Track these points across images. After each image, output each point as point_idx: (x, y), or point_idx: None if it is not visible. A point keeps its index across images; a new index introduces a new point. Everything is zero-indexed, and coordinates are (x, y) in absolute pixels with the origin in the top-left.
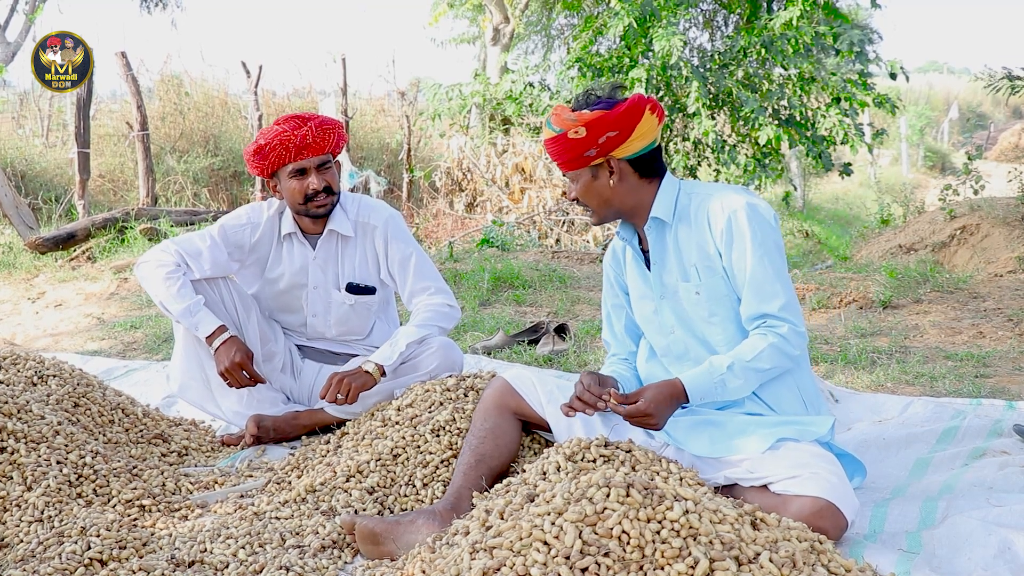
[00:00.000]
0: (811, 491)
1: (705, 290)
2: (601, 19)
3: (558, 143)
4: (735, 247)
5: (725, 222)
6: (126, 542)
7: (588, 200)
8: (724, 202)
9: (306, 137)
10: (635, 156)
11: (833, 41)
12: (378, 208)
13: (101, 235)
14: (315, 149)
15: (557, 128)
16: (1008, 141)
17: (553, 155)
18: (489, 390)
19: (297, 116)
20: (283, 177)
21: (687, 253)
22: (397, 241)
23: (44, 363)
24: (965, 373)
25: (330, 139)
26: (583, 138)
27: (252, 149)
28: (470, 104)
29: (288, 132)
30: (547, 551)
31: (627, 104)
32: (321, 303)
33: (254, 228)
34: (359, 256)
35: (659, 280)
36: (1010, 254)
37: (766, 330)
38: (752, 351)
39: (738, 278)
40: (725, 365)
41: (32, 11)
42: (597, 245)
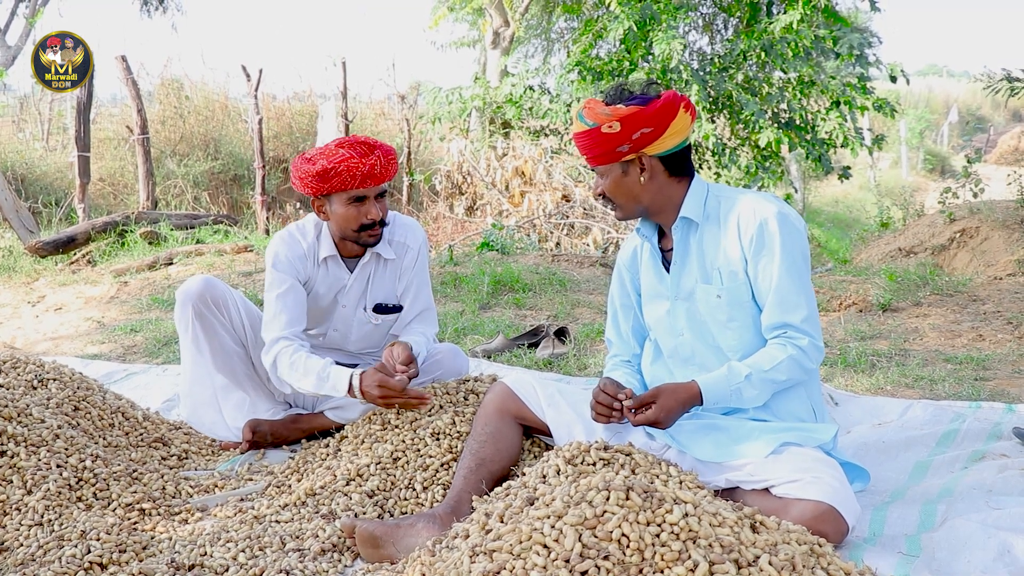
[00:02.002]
0: (812, 495)
1: (727, 294)
2: (601, 22)
3: (590, 137)
4: (763, 255)
5: (756, 228)
6: (126, 546)
7: (616, 196)
8: (756, 208)
9: (375, 167)
10: (667, 154)
11: (833, 44)
12: (413, 229)
13: (101, 239)
14: (379, 179)
15: (590, 122)
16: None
17: (583, 149)
18: (490, 395)
19: (363, 142)
20: (338, 201)
21: (711, 256)
22: (422, 265)
23: (44, 367)
24: (964, 376)
25: (394, 169)
26: (617, 133)
27: (314, 171)
28: (470, 107)
29: (356, 160)
30: (547, 554)
31: (662, 101)
32: (344, 322)
33: (303, 258)
34: (390, 276)
35: (677, 281)
36: (1009, 257)
37: (786, 341)
38: (771, 361)
39: (762, 286)
40: (743, 374)
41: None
42: (597, 249)
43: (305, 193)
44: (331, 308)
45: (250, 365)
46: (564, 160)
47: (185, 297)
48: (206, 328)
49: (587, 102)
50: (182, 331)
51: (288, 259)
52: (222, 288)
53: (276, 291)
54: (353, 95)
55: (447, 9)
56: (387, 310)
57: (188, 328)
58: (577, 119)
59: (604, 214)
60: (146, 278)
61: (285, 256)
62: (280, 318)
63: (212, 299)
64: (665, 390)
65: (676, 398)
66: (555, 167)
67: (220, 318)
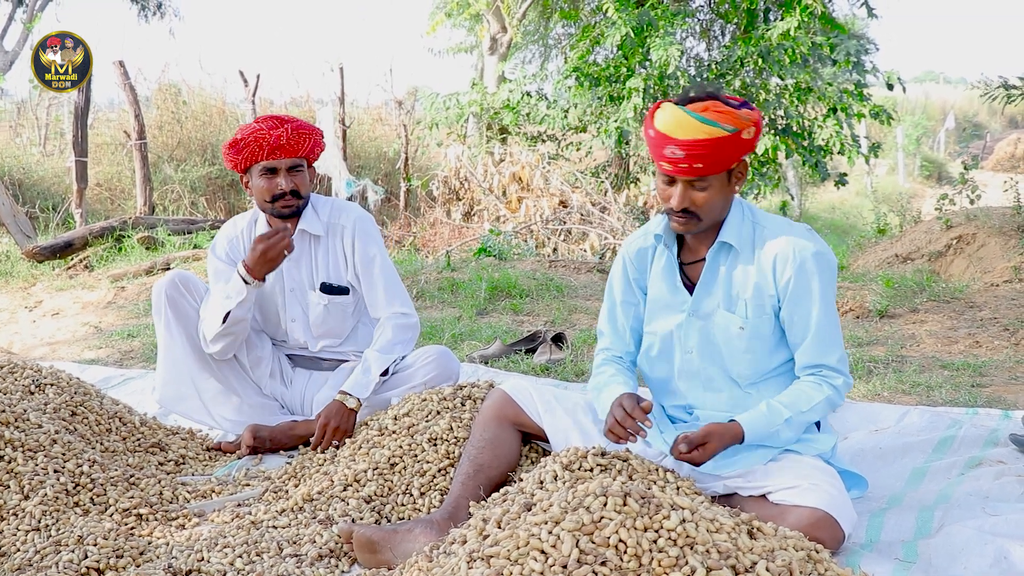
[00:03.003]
0: (809, 502)
1: (750, 328)
2: (598, 29)
3: (726, 143)
4: (801, 296)
5: (795, 269)
6: (123, 551)
7: (711, 208)
8: (795, 245)
9: (280, 138)
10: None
11: (830, 51)
12: (349, 209)
13: (98, 244)
14: (288, 151)
15: (729, 127)
16: (1004, 151)
17: (704, 156)
18: (488, 401)
19: (276, 117)
20: (254, 174)
21: (740, 285)
22: (363, 242)
23: (41, 372)
24: (961, 382)
25: (304, 143)
26: (750, 139)
27: (228, 142)
28: (467, 113)
29: (264, 131)
30: (544, 560)
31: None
32: (299, 305)
33: (238, 240)
34: (331, 256)
35: (698, 301)
36: (1006, 263)
37: (821, 381)
38: (808, 403)
39: (797, 325)
40: (784, 416)
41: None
42: (594, 254)
43: (231, 168)
44: (280, 293)
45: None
46: (561, 166)
47: (158, 287)
48: (177, 312)
49: (711, 105)
50: (157, 319)
51: (222, 243)
52: (193, 277)
53: (210, 275)
54: (351, 100)
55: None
56: (333, 290)
57: (161, 314)
58: (704, 124)
59: (601, 220)
60: (143, 283)
61: (219, 240)
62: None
63: (183, 284)
64: (715, 433)
65: (723, 441)
66: (552, 173)
67: (192, 302)
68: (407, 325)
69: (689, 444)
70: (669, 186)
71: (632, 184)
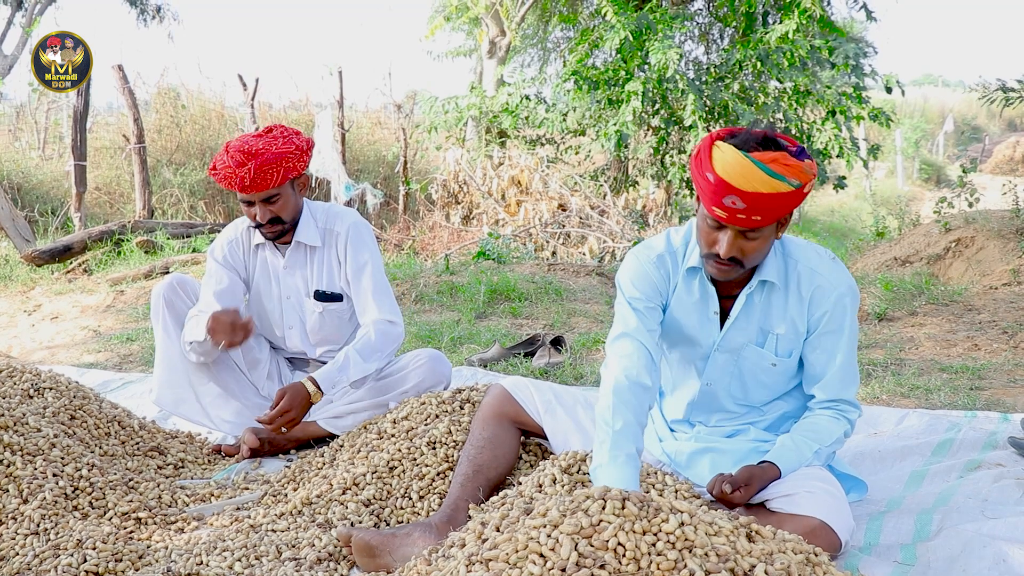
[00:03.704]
0: (806, 510)
1: (782, 365)
2: (597, 32)
3: (790, 198)
4: (832, 330)
5: (832, 304)
6: (122, 555)
7: (757, 257)
8: (832, 281)
9: (244, 179)
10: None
11: (828, 54)
12: (344, 215)
13: (97, 248)
14: (256, 188)
15: (795, 182)
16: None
17: (767, 209)
18: (488, 398)
19: (244, 150)
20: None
21: (774, 319)
22: (356, 248)
23: (40, 376)
24: (960, 385)
25: (273, 176)
26: (805, 192)
27: (210, 167)
28: (466, 117)
29: (232, 168)
30: (543, 563)
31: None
32: (296, 313)
33: (237, 242)
34: (327, 264)
35: (728, 336)
36: (1005, 266)
37: (839, 415)
38: (830, 437)
39: (821, 358)
40: (812, 450)
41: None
42: (593, 258)
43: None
44: (278, 301)
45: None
46: (560, 169)
47: (156, 291)
48: (175, 317)
49: (779, 158)
50: (155, 322)
51: (221, 245)
52: (192, 281)
53: (204, 277)
54: (349, 104)
55: (443, 19)
56: (327, 297)
57: (159, 317)
58: (772, 178)
59: (600, 223)
60: (142, 287)
61: (219, 241)
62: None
63: (181, 288)
64: (756, 476)
65: (763, 483)
66: (551, 176)
67: (189, 304)
68: (393, 335)
69: (733, 485)
70: (716, 231)
71: (631, 187)
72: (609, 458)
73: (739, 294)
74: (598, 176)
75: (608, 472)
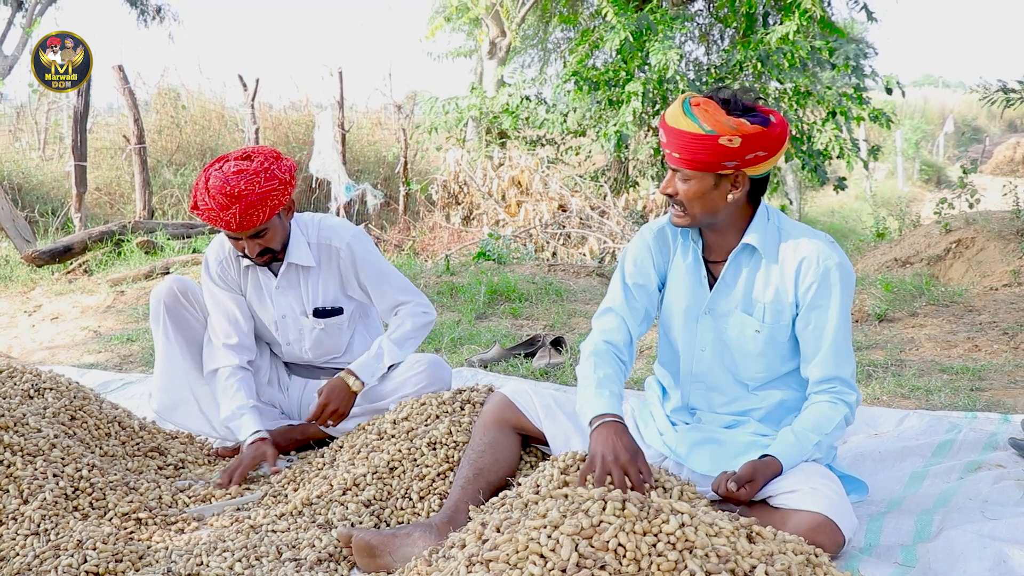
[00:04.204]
0: (810, 506)
1: (767, 331)
2: (597, 33)
3: (700, 142)
4: (820, 304)
5: (819, 276)
6: (122, 555)
7: (693, 204)
8: (820, 253)
9: (230, 223)
10: (758, 177)
11: (829, 55)
12: (339, 229)
13: (98, 248)
14: (243, 227)
15: (708, 127)
16: (1003, 154)
17: (681, 148)
18: (488, 405)
19: (227, 193)
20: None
21: (760, 289)
22: (366, 261)
23: (40, 376)
24: (960, 386)
25: (259, 216)
26: (734, 148)
27: (191, 205)
28: (466, 117)
29: (215, 211)
30: (543, 564)
31: (780, 125)
32: (293, 330)
33: (227, 263)
34: (323, 280)
35: (715, 300)
36: (1005, 267)
37: (836, 399)
38: (830, 424)
39: (813, 334)
40: (813, 441)
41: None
42: (593, 258)
43: None
44: (273, 319)
45: None
46: (560, 170)
47: (156, 294)
48: (176, 321)
49: (703, 103)
50: (155, 327)
51: (213, 263)
52: (193, 284)
53: (208, 298)
54: (350, 105)
55: (444, 19)
56: (327, 313)
57: (160, 322)
58: (685, 117)
59: (600, 224)
60: (142, 287)
61: (211, 261)
62: (218, 326)
63: (182, 292)
64: (760, 471)
65: (766, 478)
66: (551, 177)
67: (191, 311)
68: (426, 322)
69: (738, 482)
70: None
71: (631, 188)
72: (594, 394)
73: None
74: (598, 177)
75: (595, 404)
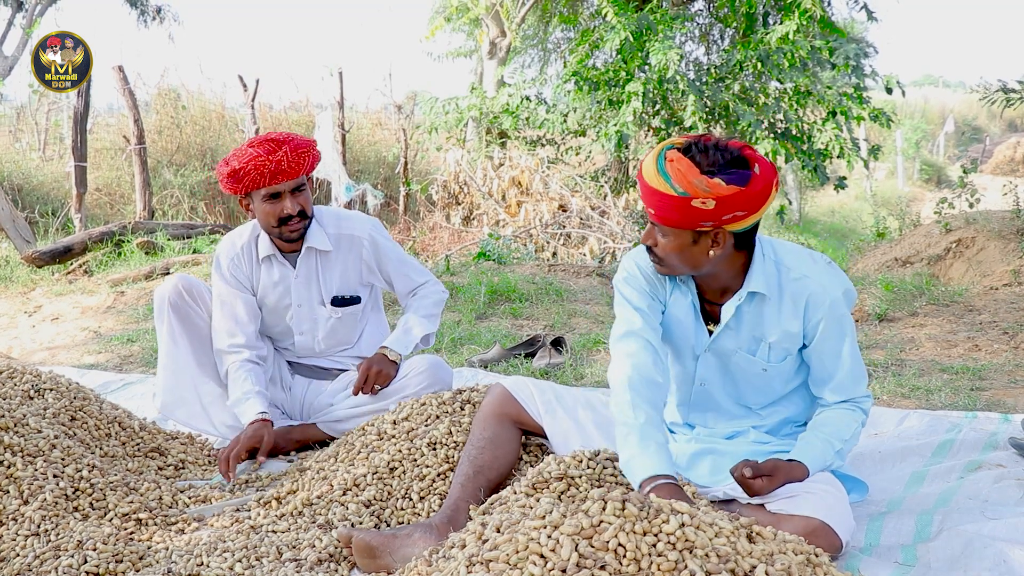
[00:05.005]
0: (806, 511)
1: (773, 371)
2: (597, 33)
3: (674, 203)
4: (832, 336)
5: (826, 311)
6: (122, 556)
7: (673, 259)
8: (825, 288)
9: (281, 163)
10: (743, 230)
11: (829, 55)
12: (357, 219)
13: (98, 249)
14: (290, 174)
15: (680, 190)
16: (1003, 154)
17: (656, 206)
18: (488, 397)
19: (270, 139)
20: (256, 199)
21: (765, 328)
22: (387, 249)
23: (41, 376)
24: (961, 386)
25: (305, 162)
26: (708, 210)
27: (226, 172)
28: (467, 117)
29: (263, 156)
30: (543, 564)
31: (763, 182)
32: (307, 321)
33: (239, 259)
34: (340, 268)
35: (717, 342)
36: (1005, 267)
37: (854, 407)
38: (848, 430)
39: (826, 363)
40: (836, 449)
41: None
42: (593, 258)
43: (229, 193)
44: (286, 309)
45: None
46: (560, 170)
47: (161, 293)
48: (182, 320)
49: (677, 160)
50: (159, 325)
51: (224, 261)
52: (198, 283)
53: (215, 296)
54: (350, 105)
55: (444, 19)
56: (345, 302)
57: (164, 320)
58: (659, 175)
59: (600, 224)
60: (143, 288)
61: (222, 258)
62: (220, 329)
63: (187, 291)
64: (782, 469)
65: (788, 478)
66: (551, 177)
67: (196, 309)
68: (443, 299)
69: (754, 470)
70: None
71: (631, 188)
72: (640, 449)
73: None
74: (598, 177)
75: (643, 462)
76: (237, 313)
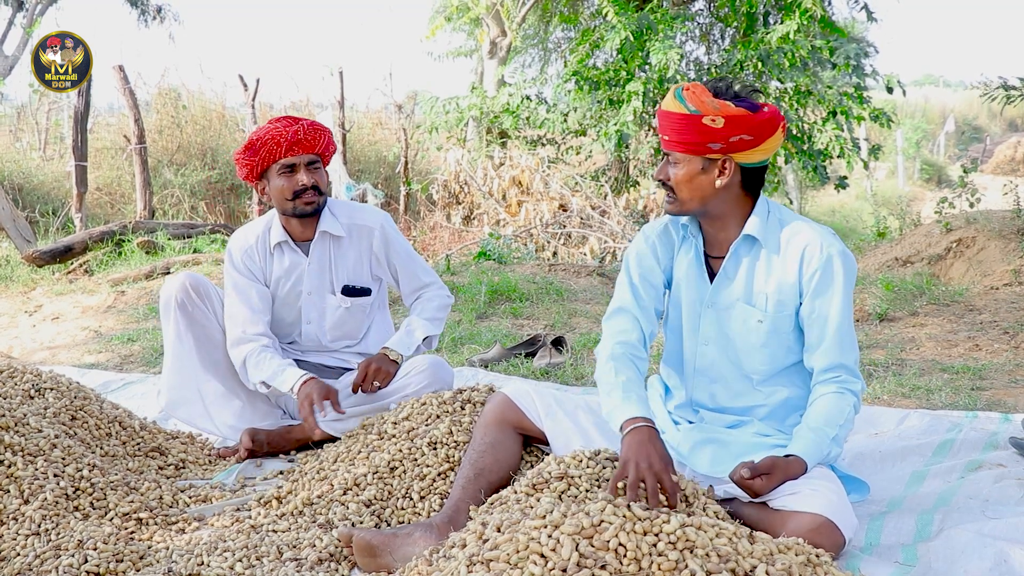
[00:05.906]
0: (810, 507)
1: (769, 322)
2: (598, 32)
3: (686, 122)
4: (824, 292)
5: (822, 263)
6: (123, 555)
7: (684, 189)
8: (823, 241)
9: (297, 133)
10: (749, 166)
11: (829, 55)
12: (370, 210)
13: (98, 248)
14: (306, 146)
15: (692, 107)
16: (1004, 154)
17: (670, 130)
18: (490, 404)
19: (289, 117)
20: (272, 176)
21: (762, 279)
22: (397, 242)
23: (41, 376)
24: (961, 386)
25: (320, 139)
26: (717, 129)
27: (243, 146)
28: (467, 117)
29: (280, 128)
30: (544, 564)
31: (769, 113)
32: (316, 309)
33: (252, 251)
34: (353, 258)
35: (717, 292)
36: (1006, 267)
37: (843, 388)
38: (841, 415)
39: (817, 322)
40: (831, 436)
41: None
42: (594, 258)
43: (247, 178)
44: (296, 297)
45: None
46: (561, 170)
47: (168, 290)
48: (188, 319)
49: (691, 85)
50: (165, 324)
51: (237, 253)
52: (205, 281)
53: (228, 287)
54: (350, 104)
55: (444, 19)
56: (356, 292)
57: (170, 319)
58: (675, 98)
59: (601, 224)
60: (143, 287)
61: (235, 250)
62: (237, 317)
63: (194, 289)
64: (779, 466)
65: (787, 475)
66: (552, 177)
67: (203, 308)
68: (448, 303)
69: (752, 471)
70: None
71: (632, 188)
72: (621, 399)
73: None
74: (599, 176)
75: (624, 408)
76: (252, 301)
